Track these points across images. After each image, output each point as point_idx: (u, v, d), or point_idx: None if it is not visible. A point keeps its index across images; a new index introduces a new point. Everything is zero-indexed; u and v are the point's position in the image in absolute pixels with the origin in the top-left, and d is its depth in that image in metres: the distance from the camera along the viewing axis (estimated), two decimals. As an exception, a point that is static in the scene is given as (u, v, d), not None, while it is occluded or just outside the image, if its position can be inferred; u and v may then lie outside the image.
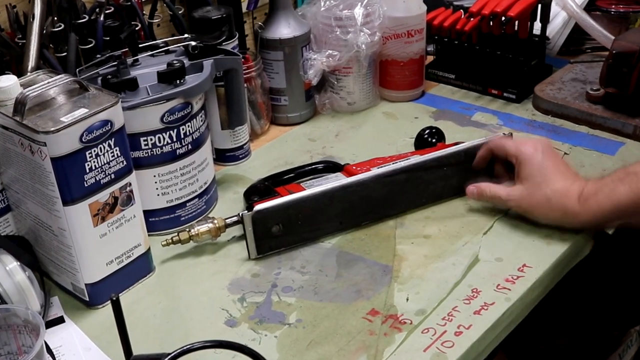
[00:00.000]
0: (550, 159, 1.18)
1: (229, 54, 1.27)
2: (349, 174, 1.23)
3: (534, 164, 1.17)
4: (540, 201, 1.15)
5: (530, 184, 1.16)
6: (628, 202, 1.07)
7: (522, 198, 1.17)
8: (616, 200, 1.08)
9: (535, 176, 1.16)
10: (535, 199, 1.16)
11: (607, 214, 1.10)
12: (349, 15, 1.49)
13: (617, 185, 1.09)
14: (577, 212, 1.12)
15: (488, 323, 1.02)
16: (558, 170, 1.17)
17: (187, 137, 1.19)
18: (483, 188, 1.23)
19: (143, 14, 1.37)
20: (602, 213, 1.10)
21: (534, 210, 1.17)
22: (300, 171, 1.33)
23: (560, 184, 1.14)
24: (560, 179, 1.15)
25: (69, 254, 1.05)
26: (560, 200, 1.13)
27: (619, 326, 1.74)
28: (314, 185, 1.21)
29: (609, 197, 1.09)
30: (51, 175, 0.98)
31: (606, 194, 1.09)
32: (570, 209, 1.13)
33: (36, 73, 1.10)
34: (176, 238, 1.16)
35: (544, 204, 1.15)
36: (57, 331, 1.06)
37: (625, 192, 1.08)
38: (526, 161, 1.18)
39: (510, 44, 1.59)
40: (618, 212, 1.09)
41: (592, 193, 1.11)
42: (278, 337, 1.02)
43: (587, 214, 1.11)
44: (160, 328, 1.06)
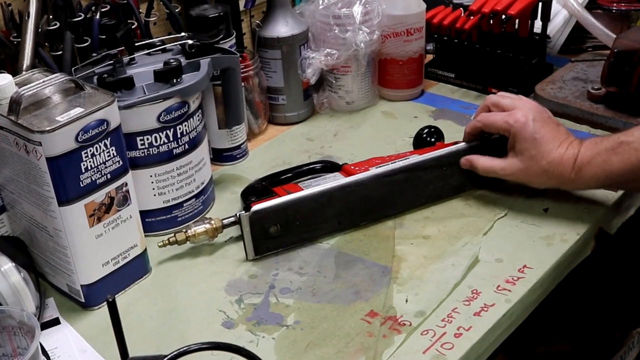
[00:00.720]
0: (542, 125, 1.19)
1: (226, 53, 1.27)
2: (347, 174, 1.23)
3: (526, 136, 1.18)
4: (537, 173, 1.18)
5: (525, 157, 1.19)
6: (620, 172, 1.12)
7: (520, 171, 1.20)
8: (609, 171, 1.13)
9: (529, 149, 1.18)
10: (532, 171, 1.19)
11: (601, 182, 1.16)
12: (348, 14, 1.49)
13: (610, 156, 1.13)
14: (573, 180, 1.16)
15: (488, 325, 1.02)
16: (551, 137, 1.18)
17: (183, 136, 1.19)
18: (476, 160, 1.25)
19: (139, 12, 1.37)
20: (596, 181, 1.15)
21: (532, 182, 1.21)
22: (298, 171, 1.33)
23: (554, 153, 1.17)
24: (554, 148, 1.17)
25: (64, 255, 1.05)
26: (557, 169, 1.16)
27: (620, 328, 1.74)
28: (312, 185, 1.21)
29: (602, 167, 1.13)
30: (46, 175, 0.98)
31: (599, 164, 1.13)
32: (566, 177, 1.16)
33: (31, 72, 1.10)
34: (173, 239, 1.16)
35: (541, 175, 1.18)
36: (52, 333, 1.06)
37: (617, 162, 1.12)
38: (519, 133, 1.19)
39: (511, 42, 1.59)
40: (611, 180, 1.15)
41: (585, 162, 1.14)
42: (276, 339, 1.02)
43: (582, 181, 1.16)
44: (156, 330, 1.06)
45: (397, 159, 1.25)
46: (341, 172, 1.26)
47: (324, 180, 1.23)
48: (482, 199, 1.27)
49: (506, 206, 1.25)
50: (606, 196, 1.25)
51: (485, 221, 1.22)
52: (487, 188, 1.29)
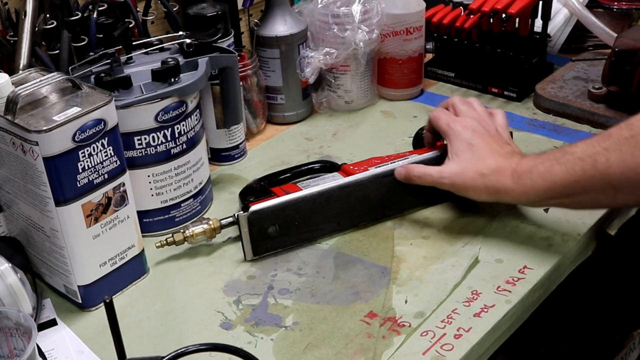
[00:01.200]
0: (481, 137, 1.17)
1: (224, 52, 1.27)
2: (346, 174, 1.23)
3: (462, 141, 1.17)
4: (474, 177, 1.13)
5: (460, 159, 1.16)
6: (563, 182, 1.05)
7: (456, 174, 1.15)
8: (551, 180, 1.06)
9: (465, 152, 1.16)
10: (469, 175, 1.14)
11: (541, 193, 1.08)
12: (347, 13, 1.49)
13: (554, 165, 1.06)
14: (510, 189, 1.10)
15: (488, 326, 1.02)
16: (490, 148, 1.15)
17: (181, 136, 1.19)
18: (411, 167, 1.21)
19: (137, 11, 1.37)
20: (536, 192, 1.08)
21: (468, 188, 1.15)
22: (296, 171, 1.33)
23: (492, 160, 1.13)
24: (492, 157, 1.14)
25: (61, 256, 1.05)
26: (494, 177, 1.12)
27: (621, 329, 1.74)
28: (310, 185, 1.21)
29: (543, 177, 1.07)
30: (43, 175, 0.98)
31: (541, 173, 1.07)
32: (503, 185, 1.11)
33: (28, 71, 1.10)
34: (170, 239, 1.16)
35: (477, 181, 1.13)
36: (49, 334, 1.06)
37: (560, 172, 1.05)
38: (454, 138, 1.18)
39: (511, 41, 1.59)
40: (552, 192, 1.07)
41: (526, 170, 1.09)
42: (274, 340, 1.02)
43: (521, 191, 1.10)
44: (154, 331, 1.06)
45: (396, 159, 1.25)
46: (340, 172, 1.26)
47: (322, 180, 1.23)
48: (482, 199, 1.27)
49: (506, 206, 1.25)
50: (607, 196, 1.25)
51: (486, 221, 1.22)
52: None
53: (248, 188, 1.28)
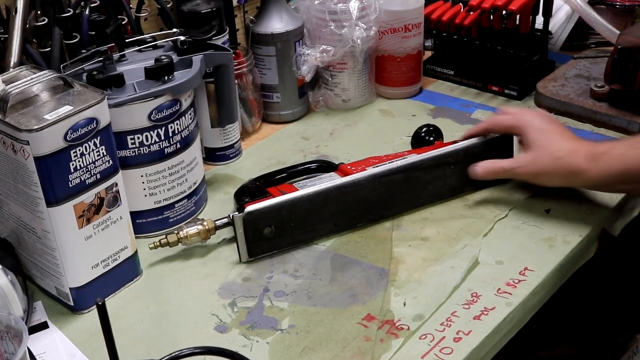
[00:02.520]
0: (551, 124, 1.22)
1: (219, 49, 1.27)
2: (343, 174, 1.23)
3: (535, 128, 1.21)
4: (547, 162, 1.18)
5: (535, 147, 1.19)
6: (638, 169, 1.11)
7: (530, 162, 1.20)
8: (627, 164, 1.12)
9: (539, 139, 1.19)
10: (542, 161, 1.18)
11: (616, 176, 1.13)
12: (344, 9, 1.49)
13: (629, 150, 1.12)
14: (585, 170, 1.14)
15: (488, 329, 1.02)
16: (562, 133, 1.20)
17: (175, 135, 1.19)
18: (487, 165, 1.25)
19: (130, 7, 1.38)
20: (611, 175, 1.13)
21: (543, 173, 1.19)
22: (292, 171, 1.34)
23: (566, 144, 1.18)
24: (565, 140, 1.19)
25: (53, 257, 1.05)
26: (568, 158, 1.16)
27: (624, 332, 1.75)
28: (307, 185, 1.21)
29: (619, 160, 1.12)
30: (34, 175, 0.98)
31: (616, 156, 1.13)
32: (577, 166, 1.15)
33: (19, 69, 1.10)
34: (164, 241, 1.16)
35: (551, 164, 1.18)
36: (40, 337, 1.06)
37: (636, 157, 1.11)
38: (528, 127, 1.21)
39: (512, 38, 1.59)
40: (626, 176, 1.12)
41: (602, 152, 1.14)
42: (270, 344, 1.02)
43: (595, 172, 1.14)
44: (147, 334, 1.06)
45: (394, 159, 1.26)
46: (337, 172, 1.26)
47: (319, 180, 1.23)
48: (482, 199, 1.28)
49: (507, 207, 1.25)
50: (610, 197, 1.26)
51: (486, 222, 1.23)
52: (487, 187, 1.29)
53: (243, 188, 1.28)
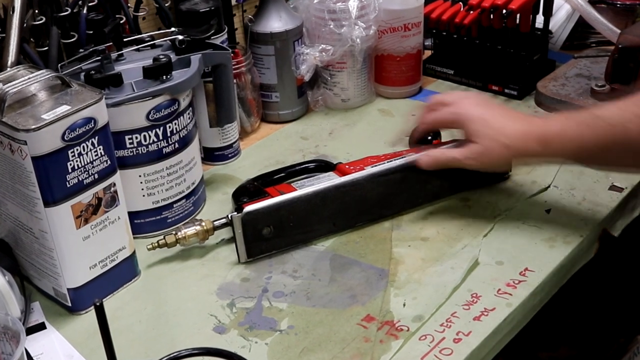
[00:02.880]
0: (490, 108, 1.19)
1: (217, 49, 1.27)
2: (342, 174, 1.23)
3: (475, 118, 1.17)
4: (499, 152, 1.15)
5: (482, 138, 1.16)
6: (594, 148, 1.08)
7: (481, 155, 1.16)
8: (581, 145, 1.09)
9: (484, 129, 1.16)
10: (493, 151, 1.15)
11: (570, 156, 1.13)
12: (343, 8, 1.49)
13: (583, 130, 1.09)
14: (539, 154, 1.13)
15: (488, 329, 1.02)
16: (504, 115, 1.17)
17: (173, 135, 1.19)
18: (437, 154, 1.22)
19: (128, 6, 1.38)
20: (565, 156, 1.13)
21: (495, 162, 1.19)
22: (291, 171, 1.34)
23: (512, 128, 1.15)
24: (511, 123, 1.16)
25: (50, 258, 1.05)
26: (520, 144, 1.14)
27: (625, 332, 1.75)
28: (305, 185, 1.21)
29: (573, 142, 1.10)
30: (32, 175, 0.98)
31: (571, 138, 1.10)
32: (531, 151, 1.13)
33: (16, 68, 1.10)
34: (162, 241, 1.16)
35: (503, 153, 1.15)
36: (38, 338, 1.06)
37: (590, 137, 1.08)
38: (467, 120, 1.18)
39: (512, 38, 1.59)
40: (581, 155, 1.11)
41: (554, 134, 1.11)
42: (269, 344, 1.02)
43: (549, 155, 1.14)
44: (145, 335, 1.06)
45: (393, 158, 1.26)
46: (335, 172, 1.26)
47: (317, 180, 1.23)
48: (482, 199, 1.28)
49: (507, 207, 1.25)
50: (610, 197, 1.26)
51: (486, 222, 1.23)
52: (486, 185, 1.29)
53: (241, 188, 1.28)
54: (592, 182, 1.30)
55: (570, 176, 1.31)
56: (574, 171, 1.32)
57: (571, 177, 1.31)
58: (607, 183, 1.29)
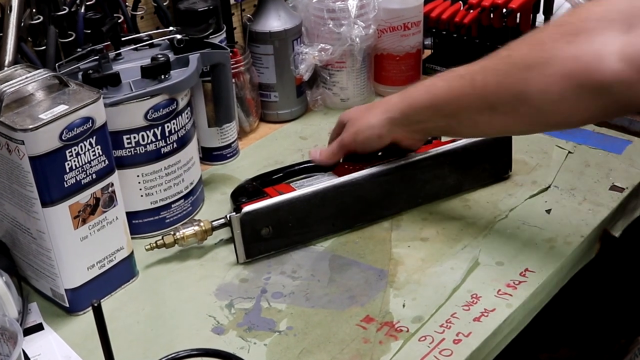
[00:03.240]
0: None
1: (216, 48, 1.27)
2: (341, 174, 1.23)
3: (352, 110, 1.29)
4: (363, 113, 1.24)
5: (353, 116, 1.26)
6: (445, 97, 1.10)
7: (351, 125, 1.24)
8: (433, 93, 1.12)
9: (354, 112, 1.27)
10: (358, 117, 1.24)
11: (425, 107, 1.14)
12: (343, 7, 1.49)
13: (436, 81, 1.14)
14: (396, 102, 1.18)
15: (488, 330, 1.03)
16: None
17: (172, 135, 1.19)
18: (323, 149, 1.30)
19: (126, 5, 1.38)
20: (420, 105, 1.15)
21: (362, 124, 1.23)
22: (289, 170, 1.33)
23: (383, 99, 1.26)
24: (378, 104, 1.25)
25: (48, 258, 1.05)
26: (379, 103, 1.24)
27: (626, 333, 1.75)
28: (304, 185, 1.21)
29: (426, 89, 1.14)
30: (29, 175, 0.98)
31: (425, 86, 1.15)
32: (388, 101, 1.21)
33: (14, 68, 1.10)
34: (160, 242, 1.16)
35: (366, 112, 1.24)
36: (35, 339, 1.06)
37: (442, 87, 1.11)
38: (343, 117, 1.29)
39: (512, 37, 1.58)
40: (435, 108, 1.13)
41: (412, 87, 1.18)
42: (268, 345, 1.02)
43: (405, 104, 1.17)
44: (144, 336, 1.06)
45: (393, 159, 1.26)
46: (335, 172, 1.26)
47: (317, 180, 1.23)
48: (482, 199, 1.28)
49: (507, 207, 1.25)
50: (611, 197, 1.26)
51: (486, 223, 1.23)
52: (486, 185, 1.29)
53: (240, 189, 1.28)
54: (592, 182, 1.30)
55: (571, 176, 1.31)
56: (574, 171, 1.32)
57: (571, 177, 1.31)
58: (608, 183, 1.29)
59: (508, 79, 1.02)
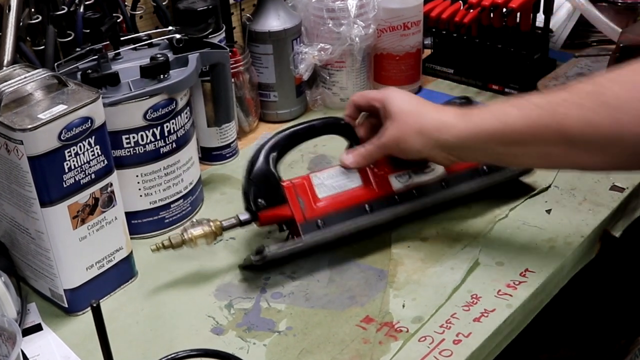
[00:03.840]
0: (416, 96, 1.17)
1: (215, 48, 1.27)
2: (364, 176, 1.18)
3: (398, 98, 1.14)
4: (410, 122, 1.10)
5: (398, 113, 1.11)
6: (516, 126, 1.01)
7: (392, 128, 1.12)
8: (504, 121, 1.02)
9: (401, 105, 1.12)
10: (405, 122, 1.10)
11: (491, 134, 1.03)
12: (342, 7, 1.49)
13: (507, 107, 1.03)
14: (453, 125, 1.06)
15: (488, 331, 1.03)
16: (429, 102, 1.13)
17: (171, 135, 1.19)
18: (357, 150, 1.18)
19: (125, 5, 1.38)
20: (485, 132, 1.04)
21: (405, 135, 1.10)
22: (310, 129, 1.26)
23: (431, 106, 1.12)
24: (432, 105, 1.13)
25: (47, 258, 1.05)
26: (434, 114, 1.09)
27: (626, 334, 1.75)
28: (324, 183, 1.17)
29: (495, 116, 1.03)
30: (28, 175, 0.98)
31: (493, 112, 1.04)
32: (444, 120, 1.08)
33: (12, 67, 1.10)
34: (167, 242, 1.11)
35: (414, 123, 1.10)
36: (34, 339, 1.06)
37: (515, 115, 1.01)
38: (390, 97, 1.14)
39: (512, 37, 1.60)
40: (503, 135, 1.02)
41: (476, 110, 1.08)
42: (267, 346, 1.02)
43: (465, 129, 1.05)
44: (143, 336, 1.06)
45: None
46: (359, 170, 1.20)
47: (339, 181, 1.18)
48: (482, 199, 1.28)
49: (507, 207, 1.25)
50: (611, 197, 1.26)
51: (486, 223, 1.23)
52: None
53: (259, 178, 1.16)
54: (593, 182, 1.30)
55: (571, 176, 1.31)
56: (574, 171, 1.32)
57: (572, 177, 1.31)
58: (608, 183, 1.29)
59: (597, 118, 0.94)
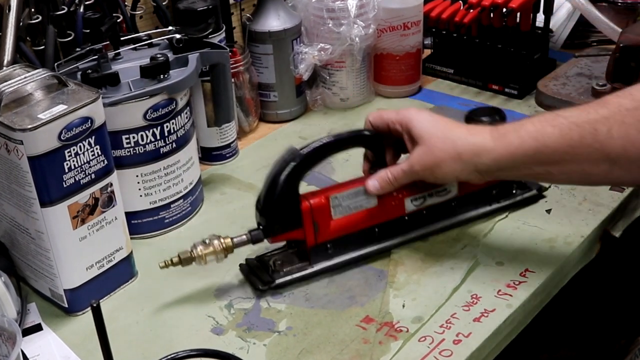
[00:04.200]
0: (439, 116, 1.10)
1: (215, 48, 1.27)
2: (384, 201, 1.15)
3: (422, 119, 1.08)
4: (444, 147, 1.05)
5: (427, 137, 1.06)
6: (555, 146, 0.98)
7: (424, 153, 1.06)
8: (542, 142, 0.98)
9: (429, 128, 1.07)
10: (438, 147, 1.05)
11: (530, 155, 1.00)
12: (342, 7, 1.49)
13: (545, 126, 0.99)
14: (491, 149, 1.02)
15: (488, 331, 1.03)
16: (454, 122, 1.08)
17: (171, 134, 1.20)
18: (382, 176, 1.12)
19: (125, 5, 1.38)
20: (523, 153, 1.00)
21: (440, 161, 1.05)
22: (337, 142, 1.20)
23: (462, 128, 1.07)
24: (460, 125, 1.08)
25: (47, 258, 1.05)
26: (469, 138, 1.04)
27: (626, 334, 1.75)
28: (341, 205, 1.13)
29: (533, 137, 0.99)
30: (28, 175, 0.98)
31: (530, 132, 1.00)
32: (480, 145, 1.03)
33: (12, 67, 1.10)
34: (176, 259, 1.08)
35: (449, 149, 1.04)
36: (34, 339, 1.06)
37: (554, 134, 0.98)
38: (413, 119, 1.09)
39: (512, 37, 1.59)
40: (541, 155, 0.99)
41: (510, 130, 1.02)
42: (267, 346, 1.02)
43: (504, 151, 1.01)
44: (143, 336, 1.06)
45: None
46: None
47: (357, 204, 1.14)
48: (482, 200, 1.28)
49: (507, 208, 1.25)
50: (612, 197, 1.26)
51: (486, 223, 1.23)
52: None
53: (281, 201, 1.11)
54: (593, 182, 1.30)
55: (571, 176, 1.31)
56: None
57: (572, 177, 1.31)
58: (608, 183, 1.29)
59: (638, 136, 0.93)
